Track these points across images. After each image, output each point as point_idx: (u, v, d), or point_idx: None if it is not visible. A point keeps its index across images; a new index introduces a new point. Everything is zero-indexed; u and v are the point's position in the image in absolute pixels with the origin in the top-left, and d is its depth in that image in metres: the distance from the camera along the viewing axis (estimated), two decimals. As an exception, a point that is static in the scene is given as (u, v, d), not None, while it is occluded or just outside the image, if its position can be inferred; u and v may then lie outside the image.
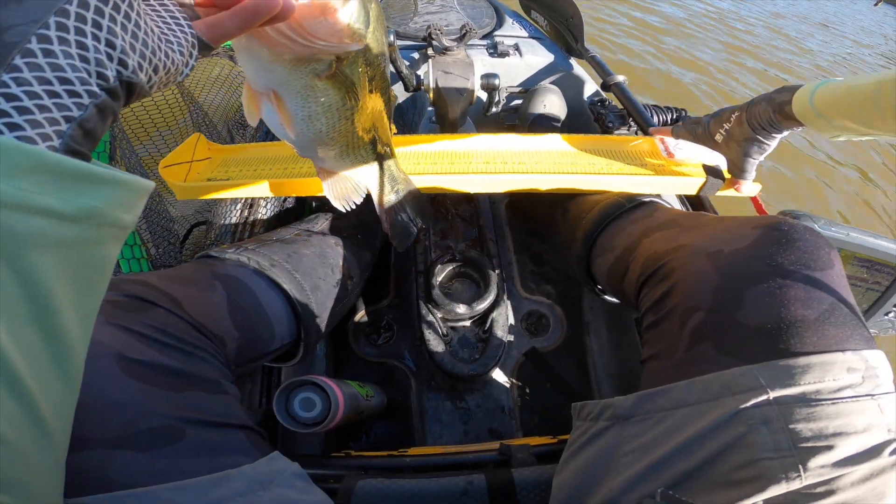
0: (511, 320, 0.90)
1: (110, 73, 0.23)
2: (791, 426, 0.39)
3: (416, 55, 1.29)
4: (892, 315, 0.67)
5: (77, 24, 0.22)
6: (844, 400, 0.39)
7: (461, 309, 0.83)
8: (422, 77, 1.10)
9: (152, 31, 0.26)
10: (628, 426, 0.47)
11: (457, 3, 1.59)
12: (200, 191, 0.71)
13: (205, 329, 0.47)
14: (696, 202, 0.88)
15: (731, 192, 0.75)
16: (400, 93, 1.31)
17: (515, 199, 1.05)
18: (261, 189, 0.71)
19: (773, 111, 0.61)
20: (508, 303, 0.91)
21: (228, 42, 0.34)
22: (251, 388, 0.72)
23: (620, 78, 1.18)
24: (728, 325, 0.45)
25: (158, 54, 0.26)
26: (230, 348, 0.51)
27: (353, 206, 0.61)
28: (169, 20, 0.28)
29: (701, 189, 0.75)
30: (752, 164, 0.69)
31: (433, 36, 1.12)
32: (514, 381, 0.87)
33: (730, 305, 0.46)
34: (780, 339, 0.42)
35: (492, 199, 1.07)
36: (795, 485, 0.37)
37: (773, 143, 0.65)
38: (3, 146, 0.18)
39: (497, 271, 0.89)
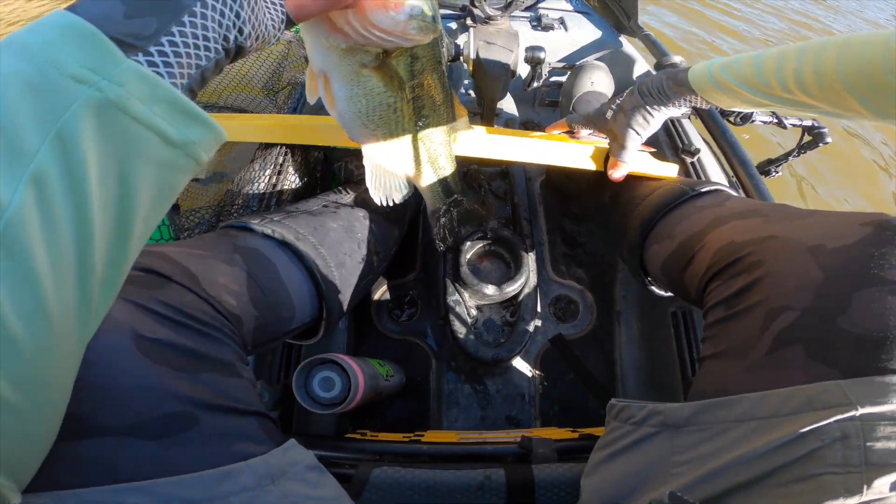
0: (539, 304, 0.87)
1: (231, 37, 0.31)
2: (869, 444, 0.35)
3: (454, 25, 1.25)
4: None
5: None
6: None
7: (489, 290, 0.80)
8: (461, 47, 1.05)
9: (260, 6, 0.33)
10: (681, 435, 0.44)
11: None
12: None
13: (221, 307, 0.46)
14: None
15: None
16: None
17: (552, 177, 1.01)
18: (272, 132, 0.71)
19: (666, 78, 0.62)
20: (538, 286, 0.88)
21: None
22: (270, 361, 0.71)
23: (678, 59, 1.11)
24: (826, 330, 0.41)
25: (260, 27, 0.34)
26: (247, 328, 0.50)
27: (391, 204, 0.62)
28: None
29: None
30: (634, 140, 0.67)
31: (476, 3, 1.07)
32: (536, 367, 0.85)
33: (832, 308, 0.41)
34: (884, 351, 0.38)
35: (527, 175, 1.03)
36: (854, 500, 0.35)
37: (657, 117, 0.65)
38: (152, 80, 0.26)
39: (530, 253, 0.86)
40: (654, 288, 0.74)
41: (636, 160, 0.72)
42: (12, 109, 0.22)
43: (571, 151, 0.75)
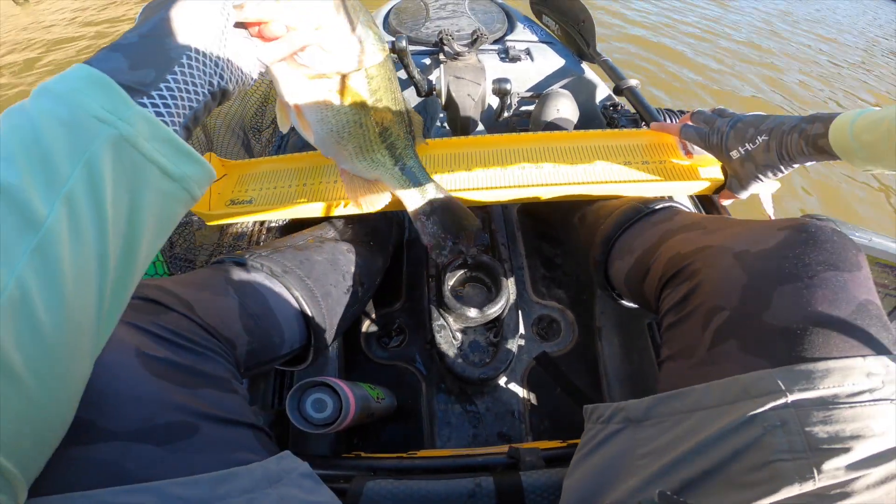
0: (522, 325, 0.91)
1: (215, 82, 0.38)
2: (807, 429, 0.39)
3: (428, 60, 1.31)
4: None
5: (205, 51, 0.37)
6: (863, 404, 0.39)
7: (472, 313, 0.83)
8: (434, 82, 1.12)
9: (237, 54, 0.40)
10: (642, 429, 0.48)
11: (468, 9, 1.61)
12: (227, 216, 0.74)
13: (215, 332, 0.50)
14: (710, 207, 0.89)
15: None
16: (412, 97, 1.33)
17: (529, 204, 1.07)
18: (289, 212, 0.74)
19: (806, 144, 0.59)
20: (520, 307, 0.92)
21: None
22: (264, 389, 0.74)
23: (633, 82, 1.18)
24: (754, 325, 0.46)
25: (237, 72, 0.41)
26: (240, 351, 0.53)
27: (375, 210, 0.67)
28: (245, 43, 0.42)
29: (710, 189, 0.76)
30: (756, 186, 0.69)
31: (445, 41, 1.14)
32: (524, 385, 0.88)
33: (757, 305, 0.46)
34: (805, 340, 0.42)
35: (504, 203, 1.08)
36: (809, 486, 0.37)
37: (786, 172, 0.64)
38: (154, 122, 0.32)
39: (508, 276, 0.90)
40: (623, 301, 0.78)
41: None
42: (51, 141, 0.28)
43: (685, 187, 0.77)
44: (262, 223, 0.80)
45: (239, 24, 0.41)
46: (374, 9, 1.70)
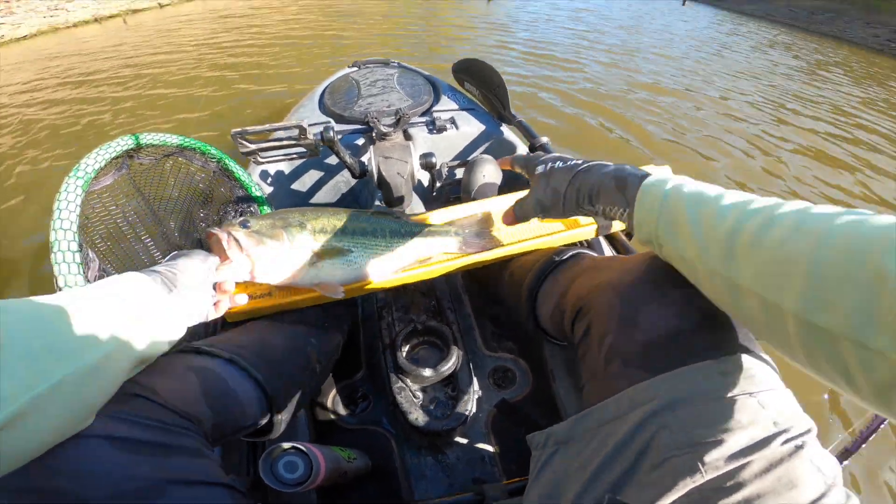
0: (477, 377, 1.03)
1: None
2: (686, 426, 0.47)
3: (361, 140, 1.45)
4: None
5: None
6: (725, 400, 0.47)
7: (427, 373, 0.96)
8: (366, 163, 1.24)
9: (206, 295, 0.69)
10: (569, 447, 0.57)
11: (397, 83, 1.78)
12: (251, 313, 0.84)
13: (180, 411, 0.57)
14: (618, 245, 1.05)
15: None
16: (349, 179, 1.48)
17: (469, 270, 1.21)
18: (300, 301, 0.86)
19: (612, 178, 0.60)
20: (471, 359, 1.05)
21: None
22: (238, 461, 0.82)
23: (544, 139, 1.36)
24: (629, 344, 0.56)
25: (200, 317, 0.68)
26: (206, 425, 0.61)
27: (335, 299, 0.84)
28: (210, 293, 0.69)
29: (597, 232, 0.94)
30: (536, 214, 0.71)
31: (372, 123, 1.27)
32: (490, 431, 0.98)
33: (629, 326, 0.56)
34: (668, 350, 0.52)
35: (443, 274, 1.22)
36: (699, 479, 0.44)
37: (569, 215, 0.67)
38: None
39: (456, 334, 1.03)
40: (557, 342, 0.91)
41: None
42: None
43: (578, 234, 0.95)
44: (215, 319, 0.90)
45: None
46: (312, 88, 1.89)
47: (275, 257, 0.76)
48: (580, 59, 5.80)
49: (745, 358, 0.50)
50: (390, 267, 0.87)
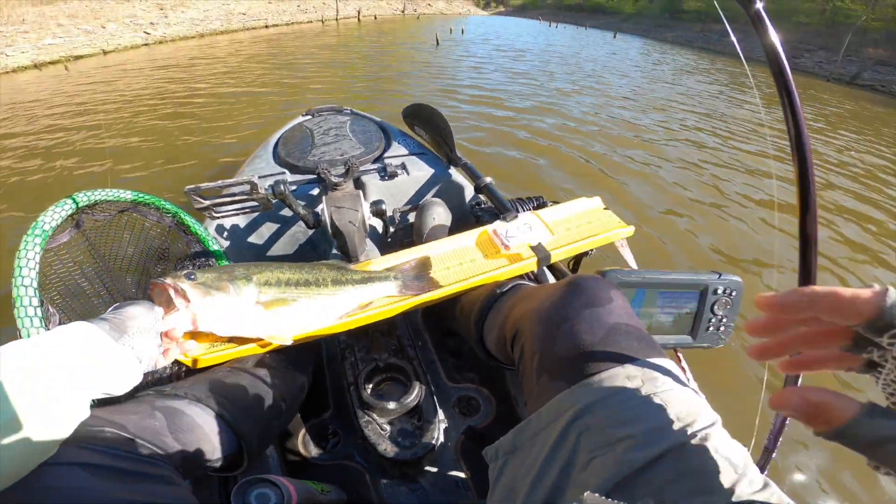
0: (441, 407, 1.07)
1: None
2: (603, 428, 0.53)
3: (316, 190, 1.49)
4: (712, 329, 0.88)
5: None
6: (632, 401, 0.54)
7: (392, 405, 0.99)
8: (320, 214, 1.27)
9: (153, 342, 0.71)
10: (515, 456, 0.62)
11: (350, 131, 1.83)
12: (213, 360, 0.86)
13: (150, 443, 0.61)
14: (556, 273, 1.12)
15: None
16: (305, 231, 1.51)
17: (427, 308, 1.26)
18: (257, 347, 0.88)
19: None
20: (435, 391, 1.09)
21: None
22: (210, 495, 0.83)
23: (488, 179, 1.44)
24: (551, 359, 0.64)
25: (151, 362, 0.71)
26: (176, 459, 0.63)
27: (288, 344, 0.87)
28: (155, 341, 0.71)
29: (538, 264, 1.01)
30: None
31: (322, 175, 1.30)
32: (460, 457, 1.02)
33: (549, 344, 0.65)
34: (581, 361, 0.60)
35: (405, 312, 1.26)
36: (621, 475, 0.49)
37: None
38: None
39: (418, 369, 1.08)
40: (505, 367, 0.96)
41: None
42: None
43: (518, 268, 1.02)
44: (179, 366, 0.91)
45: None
46: (266, 138, 1.90)
47: (221, 308, 0.79)
48: (521, 98, 6.30)
49: (647, 362, 0.58)
50: (334, 314, 0.91)
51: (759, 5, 0.57)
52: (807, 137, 0.63)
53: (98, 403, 0.62)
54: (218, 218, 1.22)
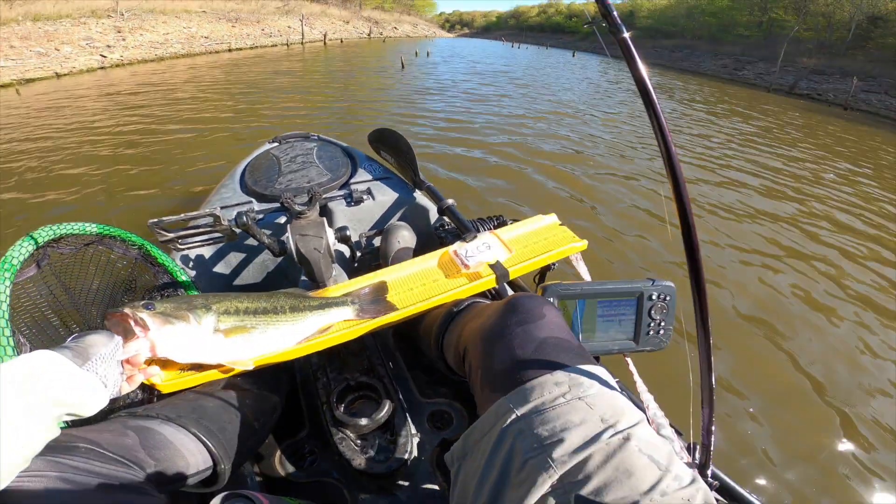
0: (412, 419, 1.10)
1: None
2: (534, 431, 0.58)
3: (282, 219, 1.51)
4: (652, 333, 0.93)
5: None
6: (559, 405, 0.59)
7: (364, 421, 1.03)
8: (286, 242, 1.28)
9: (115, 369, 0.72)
10: (467, 461, 0.67)
11: (316, 158, 1.85)
12: (181, 385, 0.88)
13: (122, 458, 0.64)
14: (515, 288, 1.18)
15: None
16: (271, 260, 1.53)
17: (397, 327, 1.27)
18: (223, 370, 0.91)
19: None
20: (408, 406, 1.13)
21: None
22: None
23: (450, 201, 1.49)
24: (490, 372, 0.70)
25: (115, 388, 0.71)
26: (149, 474, 0.67)
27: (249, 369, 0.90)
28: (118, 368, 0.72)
29: (497, 281, 1.07)
30: None
31: (286, 204, 1.31)
32: (435, 469, 1.05)
33: (488, 359, 0.72)
34: (515, 372, 0.66)
35: (374, 332, 1.29)
36: (553, 474, 0.53)
37: None
38: None
39: (389, 386, 1.11)
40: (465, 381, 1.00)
41: None
42: None
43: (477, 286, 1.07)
44: (151, 391, 0.92)
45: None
46: (233, 167, 1.90)
47: (181, 336, 0.81)
48: (485, 120, 6.54)
49: (573, 369, 0.64)
50: (293, 339, 0.96)
51: (626, 35, 0.62)
52: (675, 153, 0.64)
53: (69, 426, 0.65)
54: (183, 250, 1.23)
